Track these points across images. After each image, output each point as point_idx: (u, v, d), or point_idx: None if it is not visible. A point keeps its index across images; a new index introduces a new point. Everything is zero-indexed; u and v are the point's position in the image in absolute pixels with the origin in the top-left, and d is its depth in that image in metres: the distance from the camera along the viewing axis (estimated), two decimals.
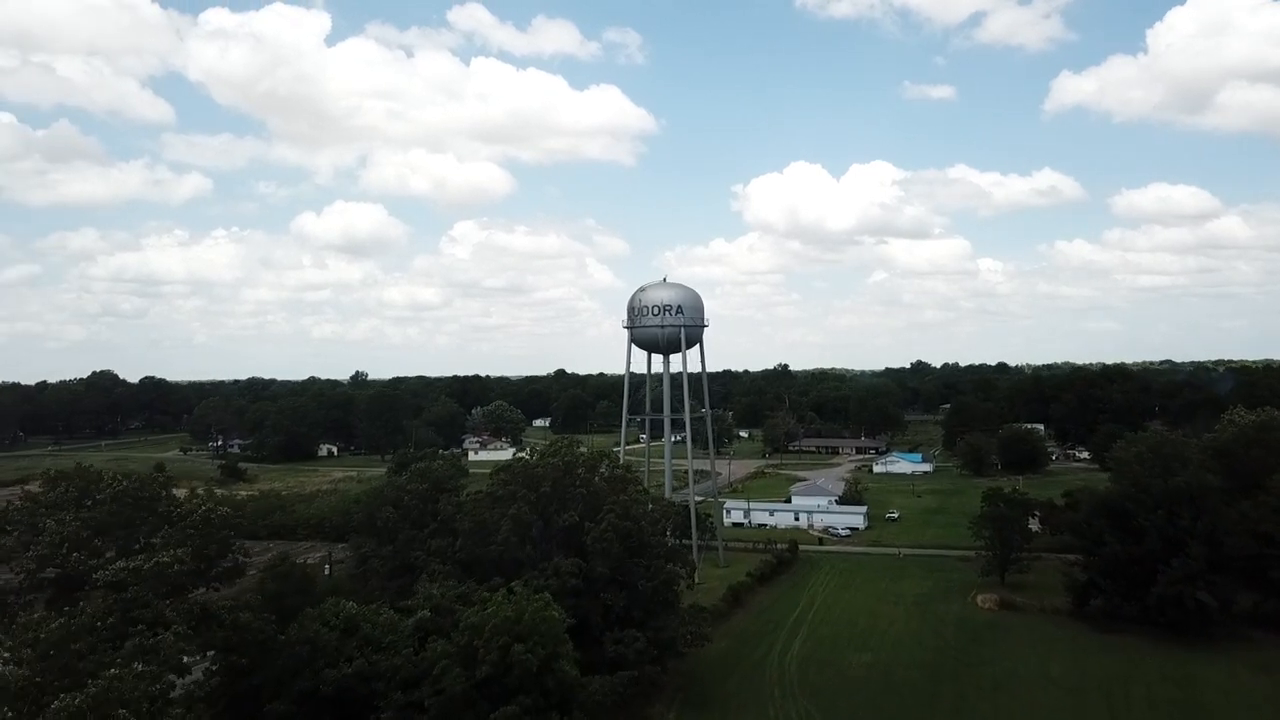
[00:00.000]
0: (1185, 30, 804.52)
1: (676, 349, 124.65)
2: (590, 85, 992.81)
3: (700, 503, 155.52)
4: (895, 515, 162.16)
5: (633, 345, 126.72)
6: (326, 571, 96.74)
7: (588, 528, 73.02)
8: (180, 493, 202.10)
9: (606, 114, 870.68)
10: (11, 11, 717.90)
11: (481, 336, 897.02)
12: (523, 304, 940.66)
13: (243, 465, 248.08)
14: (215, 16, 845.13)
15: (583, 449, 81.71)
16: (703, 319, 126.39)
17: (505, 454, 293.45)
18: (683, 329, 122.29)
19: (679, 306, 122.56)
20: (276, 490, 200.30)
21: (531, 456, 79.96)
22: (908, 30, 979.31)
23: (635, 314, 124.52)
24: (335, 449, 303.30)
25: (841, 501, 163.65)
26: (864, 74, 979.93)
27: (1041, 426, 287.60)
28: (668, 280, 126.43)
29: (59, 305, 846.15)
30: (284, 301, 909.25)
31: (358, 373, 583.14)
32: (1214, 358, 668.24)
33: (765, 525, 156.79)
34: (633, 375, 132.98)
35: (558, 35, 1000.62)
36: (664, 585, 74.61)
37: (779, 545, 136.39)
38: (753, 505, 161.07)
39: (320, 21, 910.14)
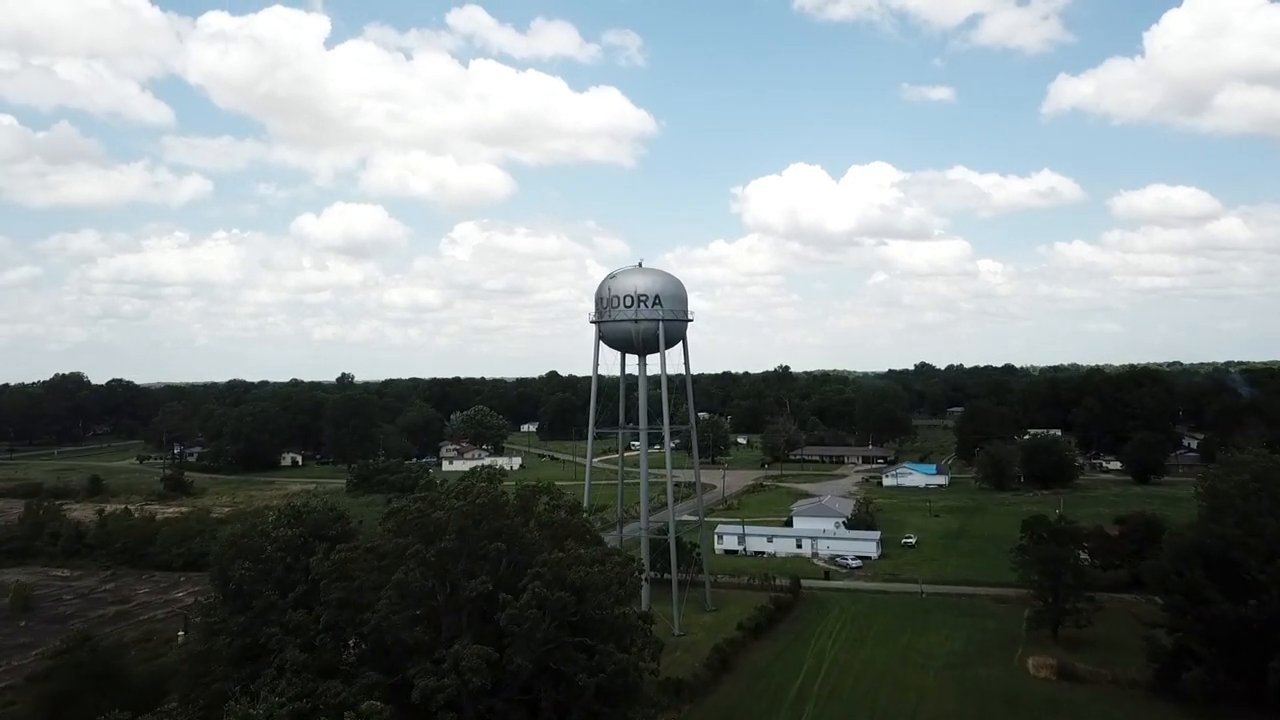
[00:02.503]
0: (1182, 32, 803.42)
1: (654, 348, 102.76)
2: (590, 87, 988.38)
3: (687, 523, 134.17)
4: (912, 540, 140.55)
5: (601, 343, 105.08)
6: (180, 638, 74.87)
7: (504, 600, 51.47)
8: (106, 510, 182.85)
9: (606, 115, 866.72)
10: (12, 13, 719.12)
11: (482, 338, 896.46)
12: (523, 305, 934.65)
13: (189, 477, 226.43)
14: (215, 19, 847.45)
15: (506, 489, 59.94)
16: (686, 311, 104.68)
17: (483, 463, 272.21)
18: (661, 323, 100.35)
19: (656, 296, 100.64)
20: (207, 508, 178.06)
21: (441, 495, 58.24)
22: (906, 32, 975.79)
23: (604, 305, 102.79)
24: (300, 458, 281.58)
25: (851, 525, 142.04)
26: (863, 76, 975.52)
27: (1059, 432, 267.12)
28: (643, 265, 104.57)
29: (60, 307, 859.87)
30: (284, 303, 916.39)
31: (344, 374, 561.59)
32: (1213, 359, 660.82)
33: (762, 553, 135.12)
34: (605, 380, 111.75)
35: (557, 37, 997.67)
36: (615, 676, 53.05)
37: (778, 580, 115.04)
38: (748, 529, 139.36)
39: (319, 24, 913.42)
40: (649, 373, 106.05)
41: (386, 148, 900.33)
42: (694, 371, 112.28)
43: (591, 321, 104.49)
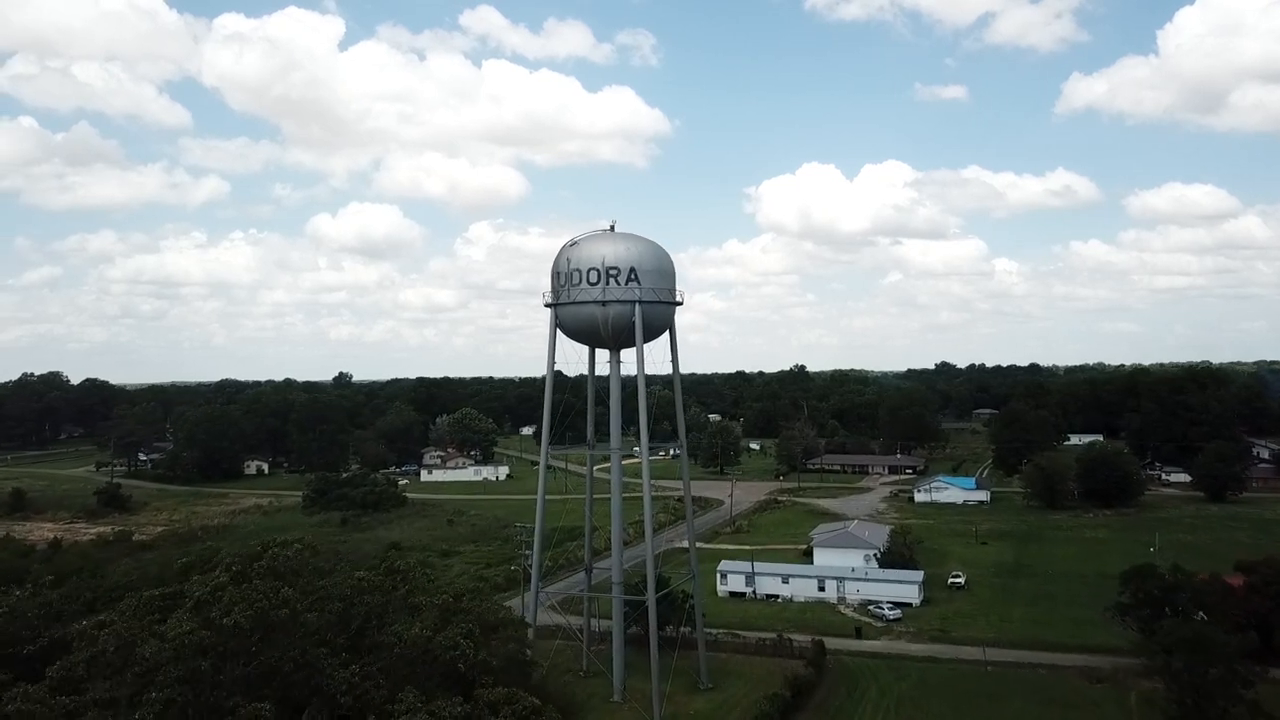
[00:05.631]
0: (1195, 30, 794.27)
1: (629, 340, 76.19)
2: (604, 87, 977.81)
3: (677, 554, 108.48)
4: (960, 579, 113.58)
5: (559, 331, 78.85)
6: None
7: None
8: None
9: (620, 116, 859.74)
10: (31, 17, 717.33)
11: (498, 338, 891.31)
12: (538, 306, 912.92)
13: (133, 489, 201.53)
14: (230, 21, 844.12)
15: (279, 575, 33.53)
16: (673, 291, 78.18)
17: (467, 473, 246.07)
18: (637, 305, 73.91)
19: (631, 269, 74.20)
20: (130, 529, 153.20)
21: (199, 595, 32.15)
22: (919, 32, 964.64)
23: (562, 282, 76.51)
24: (267, 466, 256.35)
25: (885, 560, 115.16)
26: (875, 75, 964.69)
27: (1101, 438, 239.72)
28: (616, 229, 78.05)
29: (79, 307, 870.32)
30: (300, 303, 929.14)
31: (341, 373, 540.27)
32: (1235, 359, 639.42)
33: (776, 597, 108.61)
34: (569, 380, 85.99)
35: (571, 37, 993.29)
36: None
37: (795, 640, 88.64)
38: (758, 568, 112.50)
39: (333, 25, 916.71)
40: (626, 372, 79.82)
41: (400, 149, 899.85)
42: (704, 371, 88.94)
43: (546, 305, 78.31)
